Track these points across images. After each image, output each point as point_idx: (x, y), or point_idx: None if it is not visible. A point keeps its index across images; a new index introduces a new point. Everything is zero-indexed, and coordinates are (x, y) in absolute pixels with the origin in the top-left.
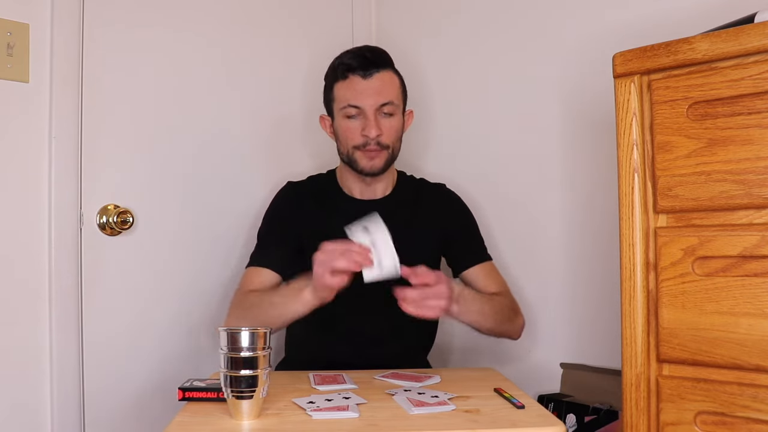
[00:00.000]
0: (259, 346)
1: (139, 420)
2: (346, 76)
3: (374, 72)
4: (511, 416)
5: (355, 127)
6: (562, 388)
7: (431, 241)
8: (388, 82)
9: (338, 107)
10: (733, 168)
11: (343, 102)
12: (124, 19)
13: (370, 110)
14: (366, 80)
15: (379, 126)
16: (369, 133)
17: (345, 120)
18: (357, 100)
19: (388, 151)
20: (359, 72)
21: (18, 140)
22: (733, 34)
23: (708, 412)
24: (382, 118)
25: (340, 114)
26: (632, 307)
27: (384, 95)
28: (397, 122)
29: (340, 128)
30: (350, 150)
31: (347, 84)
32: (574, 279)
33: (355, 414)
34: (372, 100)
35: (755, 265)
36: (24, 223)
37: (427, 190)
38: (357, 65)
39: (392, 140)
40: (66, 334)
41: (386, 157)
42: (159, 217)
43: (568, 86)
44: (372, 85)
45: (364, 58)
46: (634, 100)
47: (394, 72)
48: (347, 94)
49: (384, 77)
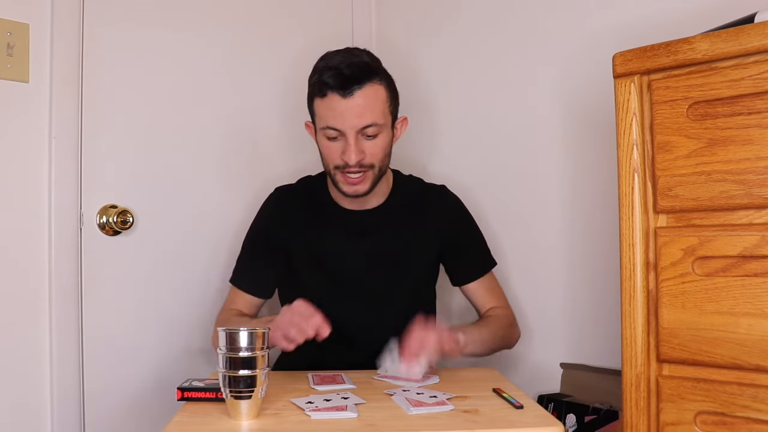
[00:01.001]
0: (257, 346)
1: (139, 420)
2: (325, 93)
3: (355, 89)
4: (509, 416)
5: (335, 148)
6: (562, 388)
7: (429, 248)
8: (371, 99)
9: (319, 125)
10: (733, 168)
11: (323, 122)
12: (124, 19)
13: (350, 133)
14: (346, 100)
15: (361, 149)
16: (348, 159)
17: (325, 140)
18: (336, 122)
19: (373, 171)
20: (338, 91)
21: (18, 140)
22: (733, 34)
23: (708, 412)
24: (364, 141)
25: (320, 132)
26: (632, 307)
27: (365, 117)
28: (383, 141)
29: (321, 147)
30: (332, 170)
31: (326, 103)
32: (574, 279)
33: (353, 414)
34: (352, 123)
35: (755, 265)
36: (24, 223)
37: (426, 193)
38: (335, 84)
39: (377, 159)
40: (66, 334)
41: (371, 179)
42: (159, 217)
43: (569, 86)
44: (352, 105)
45: (344, 76)
46: (634, 100)
47: (379, 82)
48: (326, 114)
49: (367, 94)
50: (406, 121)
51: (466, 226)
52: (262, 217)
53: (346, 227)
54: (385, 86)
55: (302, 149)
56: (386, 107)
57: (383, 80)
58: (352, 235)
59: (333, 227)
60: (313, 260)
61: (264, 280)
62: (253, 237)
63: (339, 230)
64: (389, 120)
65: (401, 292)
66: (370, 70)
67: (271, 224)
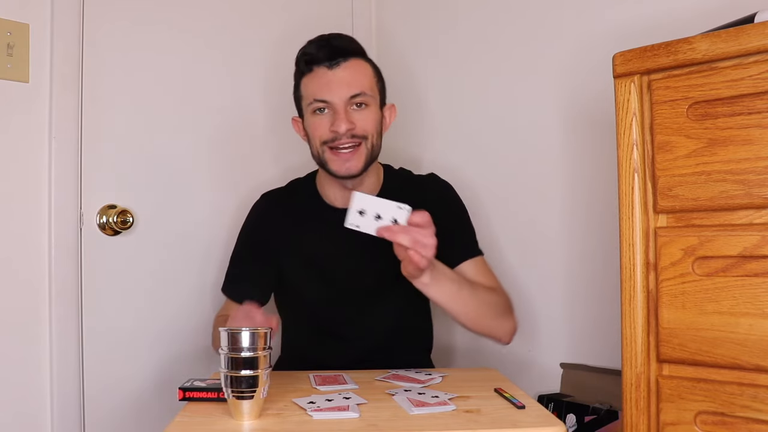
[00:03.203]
0: (259, 346)
1: (139, 420)
2: (311, 68)
3: (341, 60)
4: (511, 416)
5: (323, 122)
6: (562, 388)
7: None
8: (359, 71)
9: (306, 104)
10: (733, 168)
11: (310, 97)
12: (124, 18)
13: (339, 103)
14: (332, 70)
15: (351, 119)
16: (338, 128)
17: (313, 116)
18: (323, 93)
19: (366, 144)
20: (324, 63)
21: (18, 140)
22: (733, 34)
23: (708, 412)
24: (353, 112)
25: (308, 111)
26: (632, 307)
27: (354, 86)
28: (373, 113)
29: (309, 126)
30: (320, 149)
31: (312, 77)
32: (574, 279)
33: (355, 414)
34: (340, 92)
35: (755, 265)
36: (24, 223)
37: (415, 184)
38: (321, 55)
39: (369, 131)
40: (66, 334)
41: (365, 154)
42: (159, 217)
43: (569, 86)
44: (339, 74)
45: (329, 46)
46: (634, 100)
47: (365, 60)
48: (313, 87)
49: (353, 66)
50: (395, 108)
51: (455, 209)
52: (247, 225)
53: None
54: (371, 65)
55: (304, 149)
56: (374, 83)
57: (369, 61)
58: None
59: (324, 228)
60: (305, 264)
61: (254, 289)
62: (240, 246)
63: (330, 230)
64: (377, 97)
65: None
66: (355, 46)
67: (257, 232)
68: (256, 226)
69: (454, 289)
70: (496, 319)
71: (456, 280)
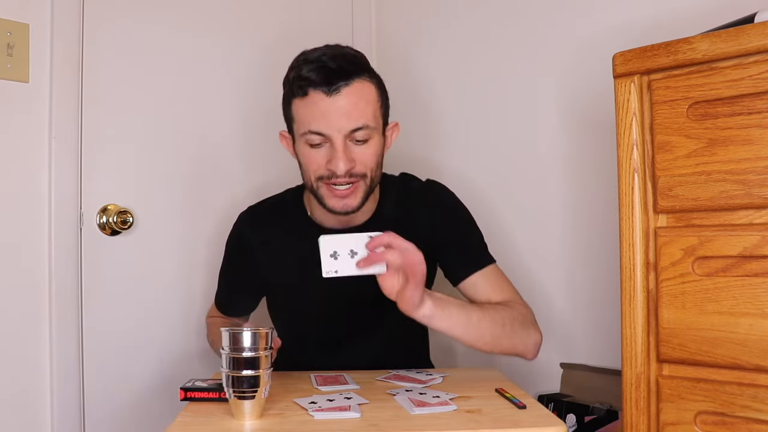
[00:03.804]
0: (260, 346)
1: (140, 420)
2: (306, 92)
3: (341, 86)
4: (512, 416)
5: (319, 157)
6: (562, 388)
7: (423, 254)
8: (361, 98)
9: (298, 131)
10: (733, 168)
11: (304, 126)
12: (124, 19)
13: (338, 138)
14: (331, 97)
15: (350, 157)
16: (336, 168)
17: (307, 148)
18: (319, 125)
19: (365, 181)
20: (322, 88)
21: (18, 140)
22: (733, 34)
23: (708, 412)
24: (353, 147)
25: (300, 139)
26: (632, 307)
27: (355, 118)
28: (375, 147)
29: (302, 156)
30: (315, 182)
31: (307, 103)
32: (574, 279)
33: (356, 414)
34: (339, 125)
35: (755, 265)
36: (24, 223)
37: (412, 197)
38: (318, 79)
39: (369, 168)
40: (66, 334)
41: (363, 191)
42: (159, 217)
43: (568, 86)
44: (339, 103)
45: (328, 70)
46: (634, 100)
47: (369, 80)
48: (307, 116)
49: (355, 91)
50: (398, 126)
51: (457, 220)
52: (229, 243)
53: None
54: (375, 84)
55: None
56: (377, 108)
57: (373, 77)
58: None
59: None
60: (291, 288)
61: (242, 305)
62: (225, 262)
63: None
64: (380, 124)
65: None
66: (358, 63)
67: (236, 252)
68: (236, 245)
69: (462, 317)
70: (514, 336)
71: (462, 305)
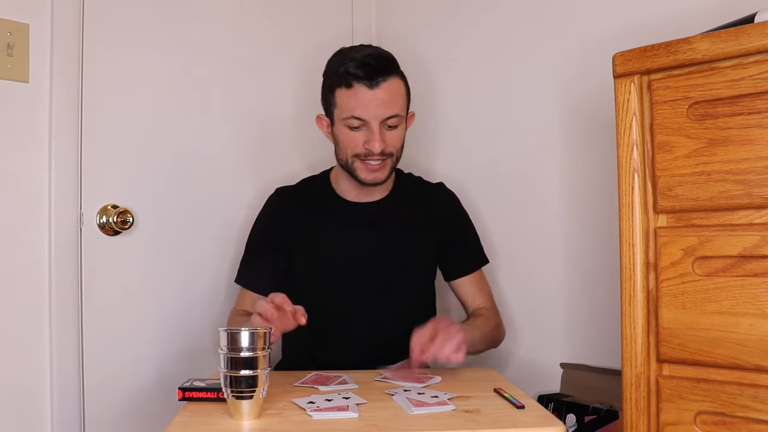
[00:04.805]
0: (258, 346)
1: (139, 420)
2: (351, 84)
3: (381, 81)
4: (511, 416)
5: (357, 137)
6: (562, 388)
7: (430, 243)
8: (394, 92)
9: (340, 115)
10: (733, 168)
11: (346, 112)
12: (124, 19)
13: (375, 123)
14: (372, 90)
15: (384, 139)
16: (373, 147)
17: (346, 129)
18: (361, 111)
19: (392, 159)
20: (365, 82)
21: (18, 140)
22: (733, 34)
23: (708, 412)
24: (386, 131)
25: (341, 122)
26: (632, 307)
27: (390, 107)
28: (401, 131)
29: (340, 136)
30: (350, 158)
31: (351, 93)
32: (574, 279)
33: (355, 414)
34: (378, 113)
35: (755, 265)
36: (24, 223)
37: (426, 191)
38: (363, 75)
39: (396, 148)
40: (66, 334)
41: (390, 166)
42: (159, 217)
43: (569, 86)
44: (378, 96)
45: (370, 67)
46: (634, 100)
47: (400, 78)
48: (351, 104)
49: (391, 87)
50: (414, 115)
51: (461, 222)
52: (262, 217)
53: (350, 218)
54: (404, 81)
55: (302, 149)
56: (405, 100)
57: (402, 75)
58: (356, 226)
59: (336, 219)
60: (315, 257)
61: (266, 278)
62: (254, 237)
63: (343, 221)
64: (406, 113)
65: (404, 286)
66: (392, 64)
67: (270, 224)
68: (268, 217)
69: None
70: (494, 338)
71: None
